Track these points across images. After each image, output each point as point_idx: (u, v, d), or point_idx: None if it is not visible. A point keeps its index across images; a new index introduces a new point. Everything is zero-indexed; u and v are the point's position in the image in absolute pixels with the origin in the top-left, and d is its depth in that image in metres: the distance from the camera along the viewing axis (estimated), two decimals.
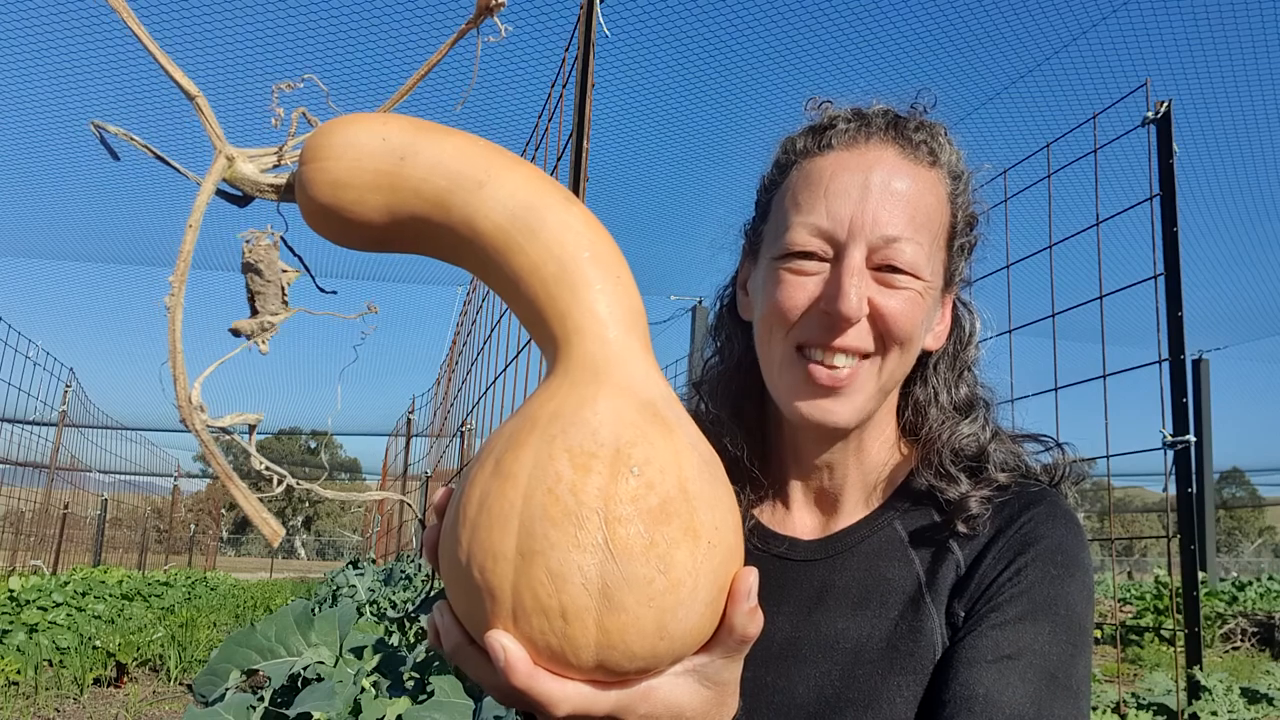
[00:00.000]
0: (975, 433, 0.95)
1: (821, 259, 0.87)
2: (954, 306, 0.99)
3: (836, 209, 0.86)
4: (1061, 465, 0.96)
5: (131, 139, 0.59)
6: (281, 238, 0.62)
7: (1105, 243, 4.00)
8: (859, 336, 0.86)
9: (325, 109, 0.62)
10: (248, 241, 0.60)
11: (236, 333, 0.60)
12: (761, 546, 0.96)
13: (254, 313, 0.61)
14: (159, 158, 0.60)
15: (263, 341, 0.60)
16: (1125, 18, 7.01)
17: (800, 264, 0.88)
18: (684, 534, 0.53)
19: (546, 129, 3.72)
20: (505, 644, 0.52)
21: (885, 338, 0.87)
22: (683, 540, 0.52)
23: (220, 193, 0.61)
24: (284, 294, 0.61)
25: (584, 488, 0.52)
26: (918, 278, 0.87)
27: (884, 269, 0.86)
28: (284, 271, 0.61)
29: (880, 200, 0.86)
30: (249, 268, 0.60)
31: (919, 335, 0.90)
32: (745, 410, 0.99)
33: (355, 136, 0.59)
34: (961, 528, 0.89)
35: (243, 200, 0.63)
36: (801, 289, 0.87)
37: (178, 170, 0.60)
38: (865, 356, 0.87)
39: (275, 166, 0.62)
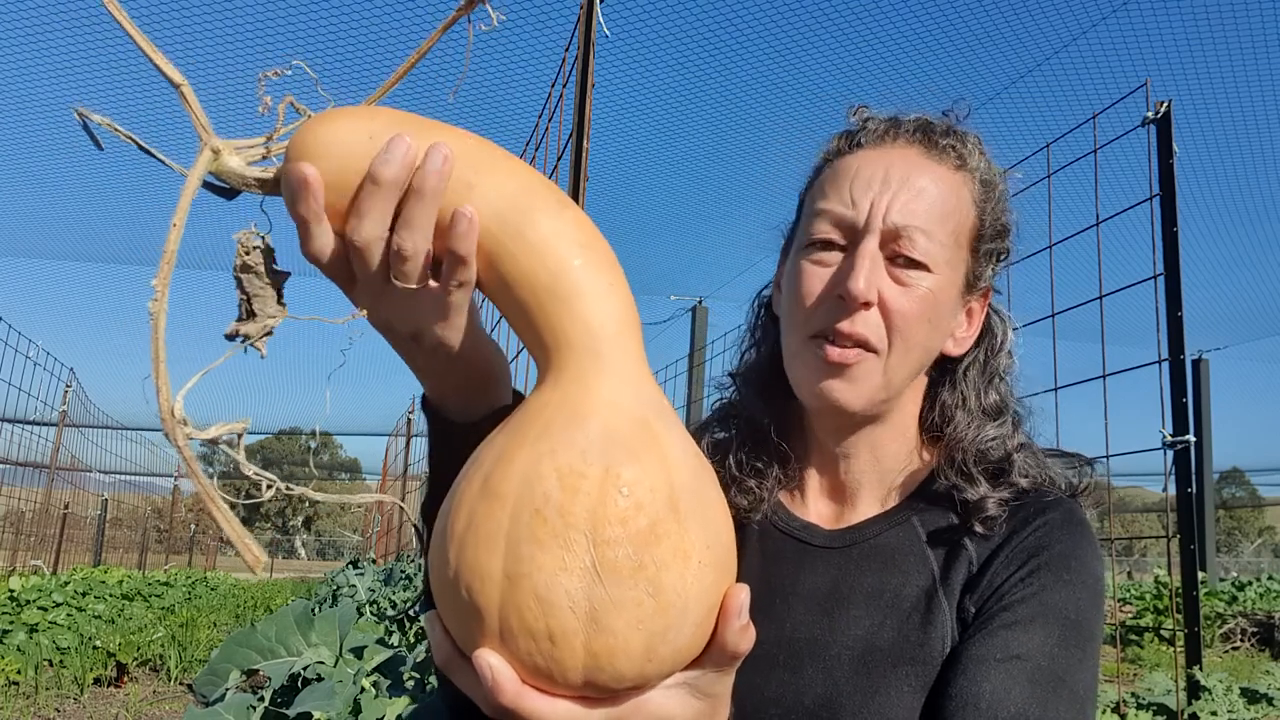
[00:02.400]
0: (1001, 436, 0.96)
1: (840, 248, 0.90)
2: (987, 313, 1.01)
3: (858, 198, 0.90)
4: (1082, 479, 0.98)
5: (115, 128, 0.57)
6: (269, 243, 0.60)
7: (1105, 243, 4.00)
8: (867, 325, 0.88)
9: (316, 96, 0.59)
10: (241, 244, 0.58)
11: (233, 337, 0.58)
12: (783, 527, 0.98)
13: (250, 316, 0.59)
14: (143, 149, 0.57)
15: (262, 345, 0.58)
16: (1125, 18, 7.00)
17: (820, 254, 0.91)
18: (674, 555, 0.52)
19: (546, 129, 3.72)
20: (493, 663, 0.52)
21: (892, 331, 0.89)
22: (672, 562, 0.52)
23: (207, 185, 0.59)
24: (279, 295, 0.59)
25: (572, 509, 0.51)
26: (930, 271, 0.89)
27: (898, 260, 0.89)
28: (277, 273, 0.59)
29: (898, 191, 0.89)
30: (245, 269, 0.58)
31: (928, 333, 0.92)
32: (775, 396, 1.03)
33: (341, 134, 0.57)
34: (978, 528, 0.90)
35: (229, 193, 0.60)
36: (818, 278, 0.91)
37: (162, 162, 0.57)
38: (873, 350, 0.89)
39: (262, 159, 0.60)
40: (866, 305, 0.88)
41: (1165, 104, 3.96)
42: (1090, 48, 7.50)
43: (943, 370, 0.99)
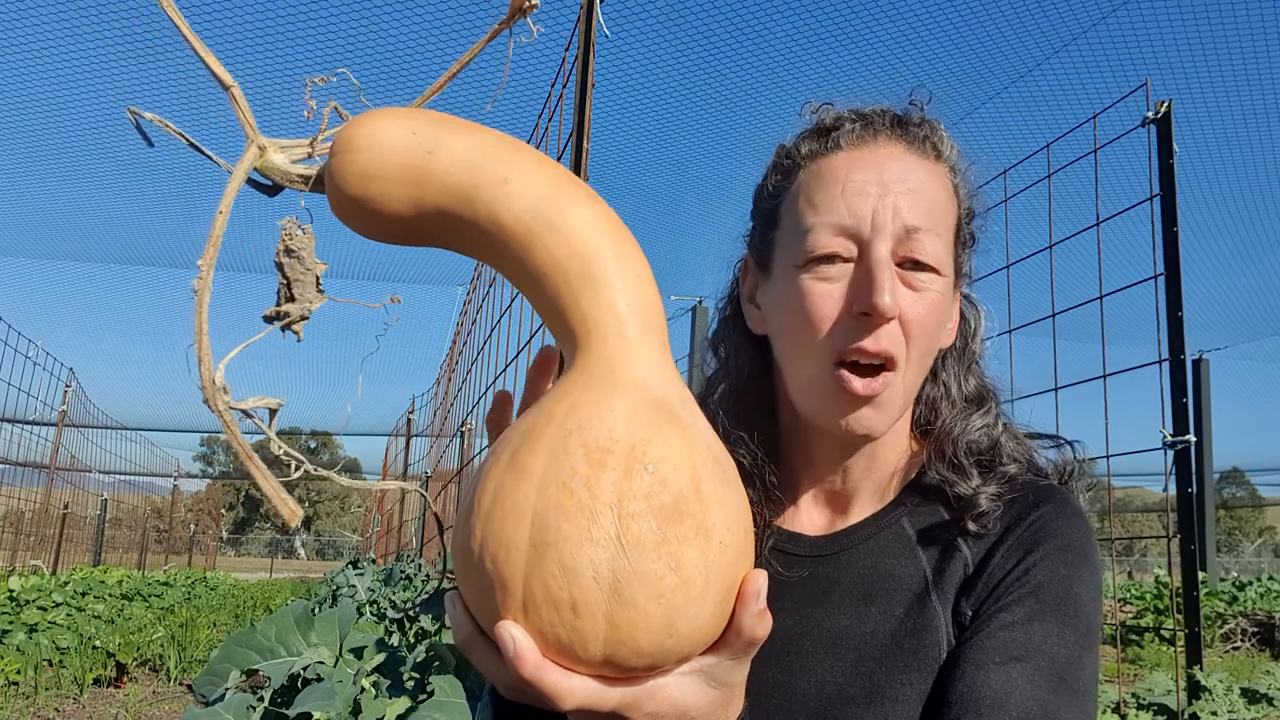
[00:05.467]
0: (988, 425, 0.95)
1: (845, 260, 0.85)
2: (961, 302, 0.99)
3: (856, 206, 0.85)
4: (1071, 463, 0.96)
5: (166, 126, 0.60)
6: (308, 228, 0.63)
7: (1105, 243, 4.00)
8: (892, 340, 0.84)
9: (358, 104, 0.63)
10: (285, 229, 0.61)
11: (273, 318, 0.61)
12: (775, 545, 0.96)
13: (289, 299, 0.61)
14: (192, 145, 0.61)
15: (299, 329, 0.61)
16: (1125, 18, 7.01)
17: (824, 269, 0.86)
18: (696, 532, 0.53)
19: (546, 129, 3.72)
20: (515, 635, 0.52)
21: (910, 341, 0.85)
22: (694, 538, 0.53)
23: (251, 181, 0.62)
24: (319, 283, 0.62)
25: (598, 483, 0.52)
26: (939, 274, 0.86)
27: (908, 265, 0.85)
28: (316, 263, 0.62)
29: (899, 194, 0.85)
30: (290, 253, 0.61)
31: (940, 336, 0.90)
32: (757, 424, 0.98)
33: (384, 130, 0.60)
34: (971, 525, 0.88)
35: (272, 190, 0.63)
36: (829, 297, 0.85)
37: (210, 158, 0.61)
38: (894, 368, 0.85)
39: (306, 158, 0.63)
40: (891, 319, 0.84)
41: (1165, 104, 3.96)
42: (1090, 48, 7.51)
43: None
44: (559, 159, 3.37)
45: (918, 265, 0.85)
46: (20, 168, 10.46)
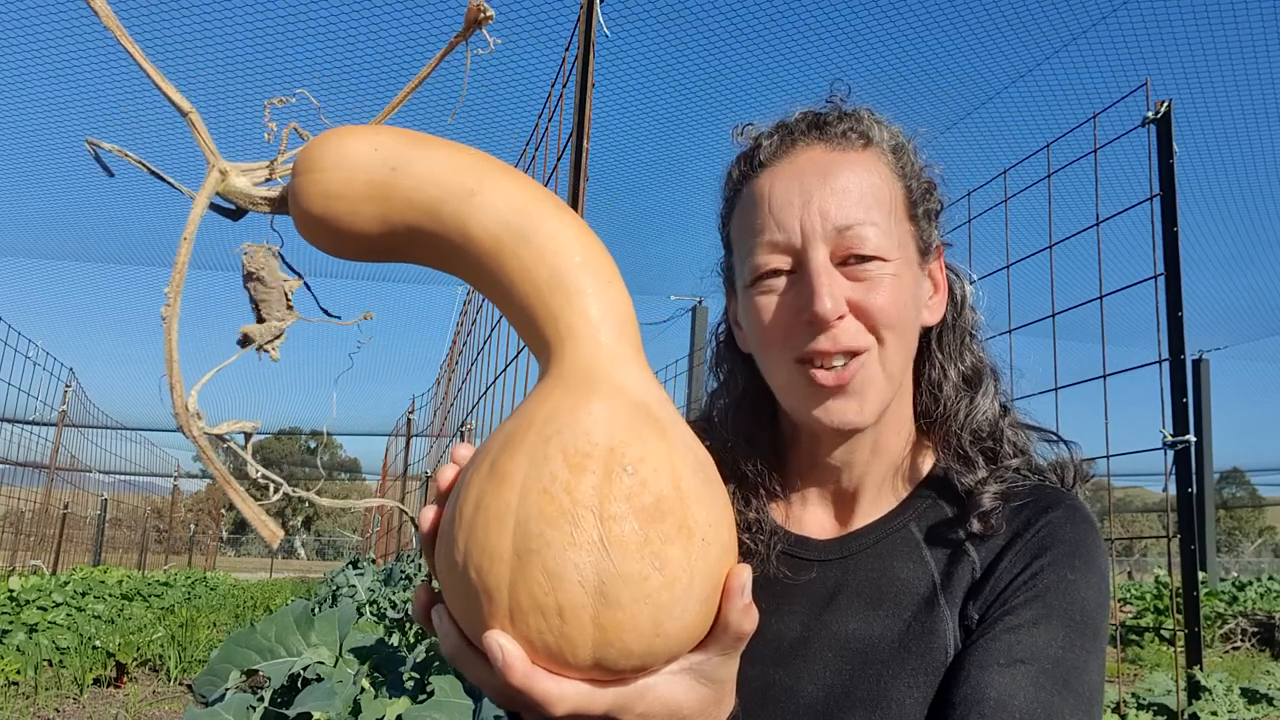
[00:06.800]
0: (989, 407, 0.95)
1: (788, 272, 0.88)
2: (945, 274, 0.99)
3: (785, 220, 0.88)
4: (1071, 466, 0.97)
5: (126, 155, 0.60)
6: (278, 251, 0.63)
7: (1105, 243, 4.00)
8: (851, 335, 0.86)
9: (318, 123, 0.63)
10: (246, 253, 0.61)
11: (246, 339, 0.61)
12: (783, 549, 0.96)
13: (260, 320, 0.61)
14: (153, 173, 0.61)
15: (274, 349, 0.61)
16: (1125, 18, 7.01)
17: (769, 283, 0.89)
18: (678, 531, 0.53)
19: (546, 129, 3.72)
20: (503, 643, 0.52)
21: (877, 329, 0.87)
22: (677, 537, 0.53)
23: (214, 206, 0.62)
24: (288, 300, 0.62)
25: (579, 487, 0.52)
26: (886, 260, 0.87)
27: (851, 260, 0.87)
28: (284, 280, 0.62)
29: (823, 196, 0.87)
30: (251, 277, 0.61)
31: (911, 316, 0.91)
32: (759, 433, 1.00)
33: (347, 148, 0.60)
34: (976, 526, 0.89)
35: (236, 213, 0.63)
36: (778, 306, 0.89)
37: (172, 185, 0.61)
38: (862, 354, 0.87)
39: (268, 180, 0.63)
40: (840, 318, 0.85)
41: (1165, 104, 3.96)
42: (1090, 48, 7.51)
43: (920, 345, 0.97)
44: (559, 159, 3.37)
45: (861, 258, 0.87)
46: (20, 168, 10.46)
